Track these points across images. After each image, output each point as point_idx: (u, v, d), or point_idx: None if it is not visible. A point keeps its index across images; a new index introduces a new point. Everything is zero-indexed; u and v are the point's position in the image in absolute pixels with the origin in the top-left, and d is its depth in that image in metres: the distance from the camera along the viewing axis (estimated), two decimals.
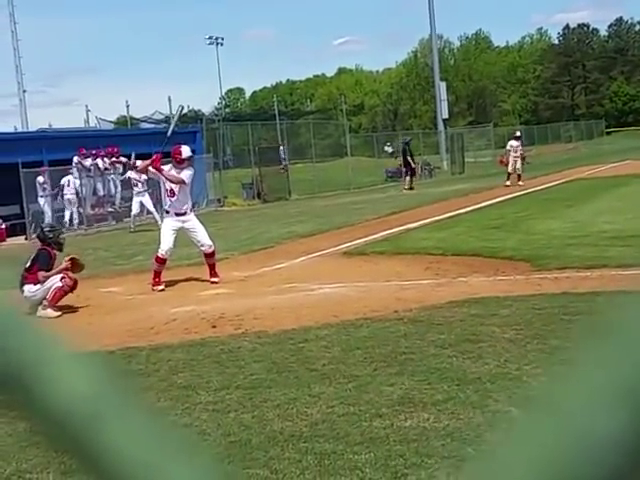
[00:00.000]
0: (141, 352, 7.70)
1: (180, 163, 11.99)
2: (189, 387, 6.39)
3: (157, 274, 11.72)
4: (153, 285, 11.64)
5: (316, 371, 6.50)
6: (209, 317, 9.16)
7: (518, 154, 29.35)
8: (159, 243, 11.93)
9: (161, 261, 11.78)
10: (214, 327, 8.64)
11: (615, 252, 11.01)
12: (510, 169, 28.89)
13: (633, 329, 0.39)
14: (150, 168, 12.11)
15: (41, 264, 10.52)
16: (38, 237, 11.26)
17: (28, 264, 10.62)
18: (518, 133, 31.69)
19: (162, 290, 11.50)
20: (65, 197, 25.75)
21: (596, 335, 0.39)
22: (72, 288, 10.58)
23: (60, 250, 10.96)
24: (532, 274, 10.24)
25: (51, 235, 10.91)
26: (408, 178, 33.32)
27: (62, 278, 10.42)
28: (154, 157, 12.09)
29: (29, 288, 10.40)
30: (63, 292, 10.43)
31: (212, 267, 11.96)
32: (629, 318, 0.40)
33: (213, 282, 11.71)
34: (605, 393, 0.38)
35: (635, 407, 0.37)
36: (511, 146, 29.65)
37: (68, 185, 25.65)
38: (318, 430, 5.14)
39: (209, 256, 11.99)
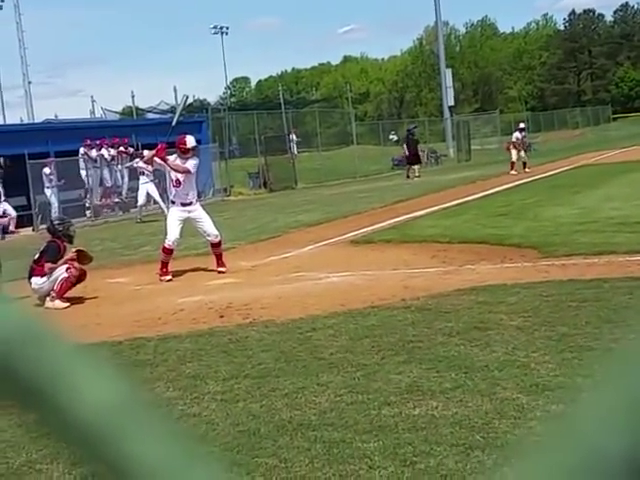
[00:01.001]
0: (149, 342, 7.71)
1: (185, 153, 11.99)
2: (197, 377, 6.40)
3: (164, 264, 11.74)
4: (160, 275, 11.65)
5: (324, 360, 6.50)
6: (217, 307, 9.17)
7: (520, 144, 29.64)
8: (166, 233, 11.95)
9: (168, 251, 11.79)
10: (222, 317, 8.65)
11: (622, 238, 10.99)
12: (514, 158, 29.02)
13: None
14: (156, 158, 12.10)
15: (49, 256, 10.53)
16: (48, 230, 11.27)
17: (36, 256, 10.65)
18: (522, 125, 31.73)
19: (169, 280, 11.52)
20: None
21: (612, 358, 0.40)
22: (79, 279, 10.59)
23: (70, 242, 10.97)
24: (539, 261, 10.22)
25: (61, 228, 10.92)
26: (417, 167, 33.26)
27: (68, 269, 10.43)
28: (158, 147, 12.09)
29: (36, 280, 10.44)
30: (70, 283, 10.44)
31: (219, 257, 11.98)
32: None
33: (220, 272, 11.73)
34: (617, 413, 0.38)
35: None
36: (517, 138, 29.84)
37: None
38: (327, 419, 5.15)
39: (216, 246, 12.00)
